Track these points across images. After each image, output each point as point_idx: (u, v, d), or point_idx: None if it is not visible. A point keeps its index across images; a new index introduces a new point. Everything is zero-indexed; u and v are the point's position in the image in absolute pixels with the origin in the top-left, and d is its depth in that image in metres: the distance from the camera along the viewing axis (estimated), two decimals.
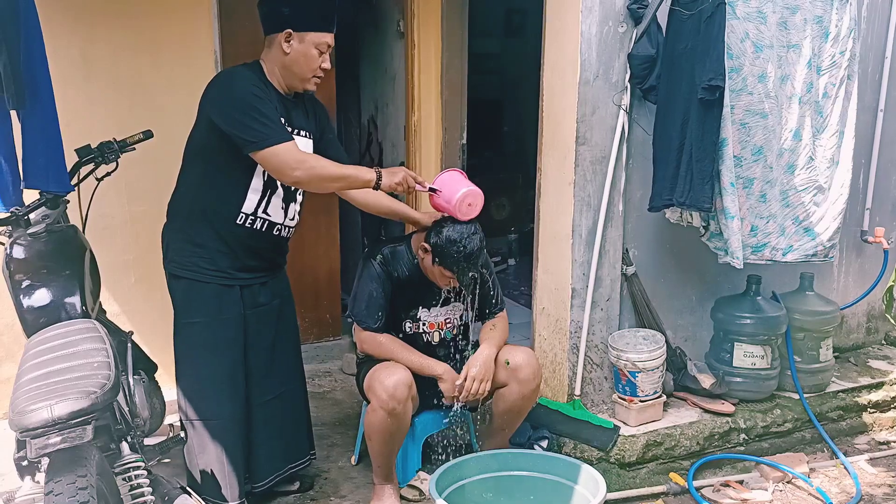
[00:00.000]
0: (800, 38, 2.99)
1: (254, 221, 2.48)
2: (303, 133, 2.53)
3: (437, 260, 2.57)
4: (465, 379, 2.61)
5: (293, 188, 2.52)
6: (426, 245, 2.60)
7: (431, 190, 2.57)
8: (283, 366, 2.70)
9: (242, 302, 2.54)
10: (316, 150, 2.56)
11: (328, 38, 2.44)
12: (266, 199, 2.48)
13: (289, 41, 2.40)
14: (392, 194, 2.65)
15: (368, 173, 2.43)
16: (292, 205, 2.56)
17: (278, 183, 2.47)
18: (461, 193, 2.55)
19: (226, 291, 2.50)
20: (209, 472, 2.53)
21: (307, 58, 2.42)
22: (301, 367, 2.83)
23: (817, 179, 3.12)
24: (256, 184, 2.44)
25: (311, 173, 2.35)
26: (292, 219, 2.59)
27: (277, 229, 2.55)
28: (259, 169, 2.41)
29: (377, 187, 2.43)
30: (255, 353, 2.59)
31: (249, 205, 2.46)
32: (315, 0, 2.43)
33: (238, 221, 2.46)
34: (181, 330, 2.55)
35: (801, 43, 2.99)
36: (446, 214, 2.61)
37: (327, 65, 2.47)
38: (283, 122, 2.41)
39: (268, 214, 2.49)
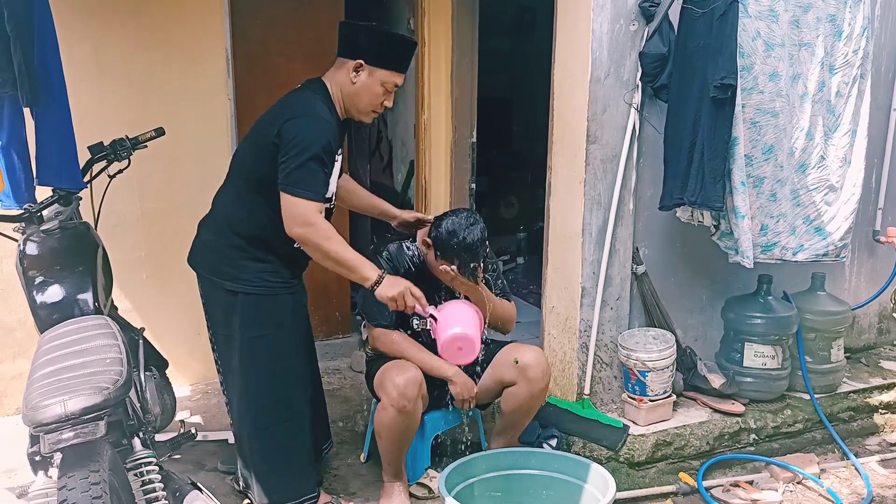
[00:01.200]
0: (812, 37, 2.97)
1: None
2: (339, 153, 2.48)
3: (438, 253, 2.58)
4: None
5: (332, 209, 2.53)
6: (428, 240, 2.61)
7: (431, 317, 2.46)
8: (315, 358, 2.81)
9: (297, 306, 2.59)
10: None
11: (398, 78, 2.40)
12: None
13: (358, 71, 2.36)
14: (394, 200, 2.62)
15: (370, 273, 2.34)
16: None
17: (332, 211, 2.50)
18: (451, 333, 2.44)
19: (288, 300, 2.52)
20: (296, 470, 2.56)
21: (371, 93, 2.38)
22: (317, 360, 2.91)
23: (829, 179, 3.10)
24: None
25: (312, 240, 2.28)
26: None
27: None
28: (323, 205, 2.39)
29: (372, 290, 2.35)
30: (309, 351, 2.71)
31: None
32: (394, 40, 2.41)
33: (296, 246, 2.42)
34: (247, 344, 2.48)
35: (814, 41, 2.98)
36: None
37: (389, 103, 2.44)
38: (337, 157, 2.38)
39: None
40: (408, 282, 2.40)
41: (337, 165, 2.45)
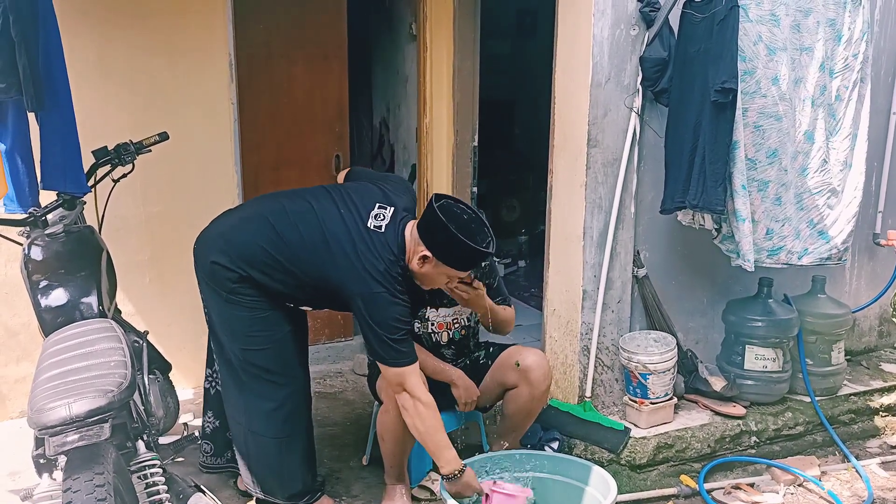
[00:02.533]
0: (813, 41, 2.99)
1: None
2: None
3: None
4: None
5: None
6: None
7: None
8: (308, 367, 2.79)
9: (295, 314, 2.59)
10: None
11: (461, 274, 2.40)
12: None
13: (424, 261, 2.32)
14: None
15: (447, 467, 2.34)
16: None
17: None
18: None
19: (287, 311, 2.53)
20: (302, 476, 2.59)
21: (433, 281, 2.40)
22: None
23: (831, 182, 3.11)
24: None
25: (406, 404, 2.35)
26: None
27: None
28: None
29: (447, 479, 2.35)
30: (306, 360, 2.68)
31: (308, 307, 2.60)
32: (469, 250, 2.27)
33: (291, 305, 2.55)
34: (246, 355, 2.49)
35: (814, 46, 2.99)
36: None
37: (453, 285, 2.46)
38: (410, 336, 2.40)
39: None
40: (477, 484, 2.38)
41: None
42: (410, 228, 2.37)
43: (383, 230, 2.35)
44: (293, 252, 2.37)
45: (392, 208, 2.41)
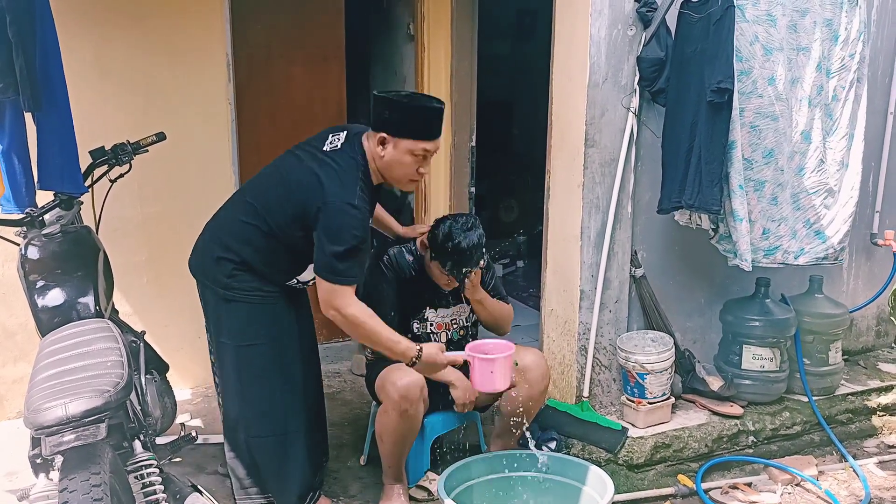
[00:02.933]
0: (809, 41, 2.99)
1: (302, 283, 2.57)
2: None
3: (433, 255, 2.60)
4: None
5: None
6: (426, 242, 2.63)
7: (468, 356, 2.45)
8: (316, 368, 2.79)
9: (293, 312, 2.58)
10: None
11: (427, 145, 2.34)
12: None
13: (384, 145, 2.33)
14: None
15: (407, 353, 2.36)
16: None
17: None
18: (479, 389, 2.47)
19: (285, 305, 2.53)
20: (292, 480, 2.56)
21: (402, 164, 2.34)
22: (320, 367, 2.88)
23: (828, 182, 3.12)
24: None
25: (345, 320, 2.31)
26: None
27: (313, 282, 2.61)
28: None
29: (411, 365, 2.39)
30: (306, 359, 2.67)
31: (306, 275, 2.51)
32: (415, 109, 2.34)
33: (288, 283, 2.52)
34: (238, 352, 2.51)
35: (811, 46, 3.00)
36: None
37: (424, 170, 2.39)
38: (362, 263, 2.39)
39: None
40: (440, 347, 2.42)
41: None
42: (366, 135, 2.40)
43: (339, 147, 2.39)
44: (265, 211, 2.41)
45: (346, 131, 2.44)
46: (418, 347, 2.37)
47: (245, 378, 2.52)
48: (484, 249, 2.64)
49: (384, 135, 2.32)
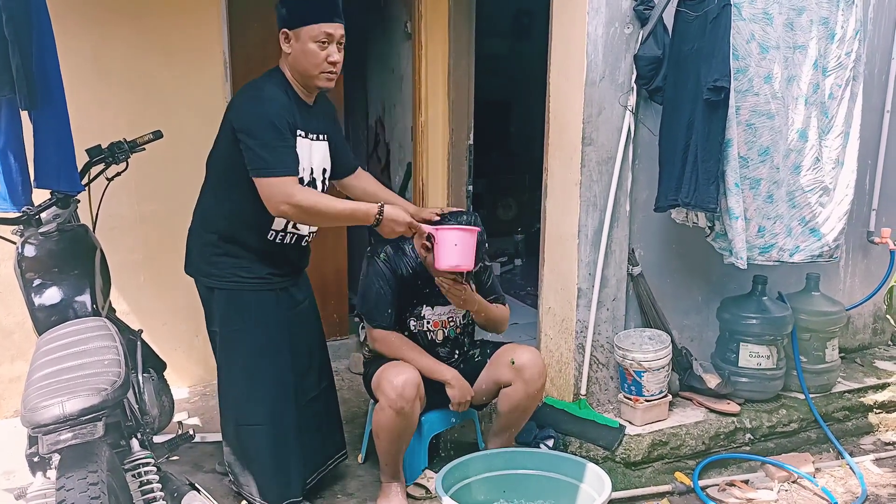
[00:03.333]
0: (806, 40, 2.99)
1: (284, 237, 2.50)
2: (321, 136, 2.51)
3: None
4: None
5: None
6: (427, 243, 2.62)
7: (430, 236, 2.48)
8: (320, 363, 2.75)
9: (283, 304, 2.56)
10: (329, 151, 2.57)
11: (325, 27, 2.31)
12: None
13: (287, 41, 2.36)
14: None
15: (369, 215, 2.35)
16: None
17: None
18: (444, 266, 2.45)
19: (268, 296, 2.51)
20: (265, 475, 2.54)
21: (306, 54, 2.33)
22: (330, 363, 2.86)
23: (823, 180, 3.12)
24: None
25: (299, 213, 2.29)
26: (315, 229, 2.61)
27: (305, 240, 2.58)
28: None
29: (376, 225, 2.37)
30: (299, 352, 2.62)
31: (279, 222, 2.46)
32: None
33: (269, 237, 2.47)
34: (226, 341, 2.53)
35: (807, 44, 3.00)
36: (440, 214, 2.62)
37: (335, 57, 2.35)
38: (298, 136, 2.37)
39: (297, 229, 2.51)
40: (407, 220, 2.40)
41: (321, 145, 2.47)
42: (281, 56, 2.44)
43: (258, 78, 2.45)
44: (212, 167, 2.48)
45: None
46: (379, 205, 2.36)
47: (232, 364, 2.53)
48: (486, 246, 2.64)
49: (285, 31, 2.34)
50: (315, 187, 2.49)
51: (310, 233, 2.58)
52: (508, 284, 5.38)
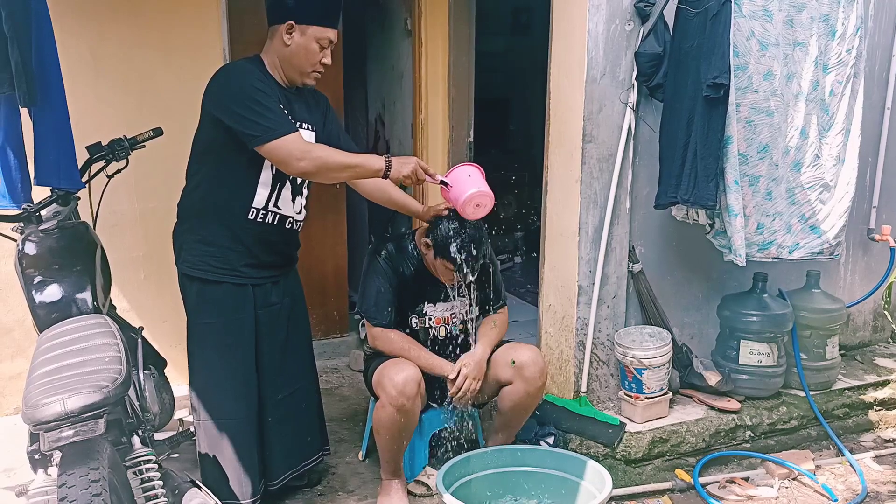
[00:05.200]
0: (806, 37, 2.99)
1: (265, 216, 2.48)
2: (305, 125, 2.52)
3: (438, 254, 2.59)
4: (458, 375, 2.63)
5: (299, 181, 2.53)
6: (428, 241, 2.62)
7: (442, 183, 2.55)
8: (296, 363, 2.70)
9: (254, 301, 2.53)
10: (319, 141, 2.56)
11: (330, 33, 2.41)
12: (276, 192, 2.47)
13: (290, 33, 2.38)
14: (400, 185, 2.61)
15: (378, 162, 2.38)
16: (298, 198, 2.56)
17: (286, 176, 2.47)
18: (469, 194, 2.51)
19: (238, 290, 2.49)
20: (223, 471, 2.53)
21: (307, 51, 2.40)
22: (313, 365, 2.83)
23: (823, 177, 3.12)
24: (265, 177, 2.44)
25: (317, 163, 2.32)
26: (299, 212, 2.59)
27: (289, 222, 2.55)
28: (267, 162, 2.41)
29: (386, 176, 2.40)
30: (268, 351, 2.58)
31: (260, 199, 2.45)
32: None
33: (250, 217, 2.45)
34: (194, 331, 2.55)
35: (808, 41, 2.99)
36: (450, 208, 2.61)
37: (328, 60, 2.44)
38: (285, 112, 2.39)
39: (279, 208, 2.49)
40: (414, 157, 2.45)
41: (309, 134, 2.49)
42: (265, 46, 2.47)
43: None
44: (194, 151, 2.54)
45: None
46: (384, 156, 2.40)
47: (197, 357, 2.54)
48: (489, 247, 2.64)
49: (291, 22, 2.36)
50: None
51: (295, 214, 2.55)
52: (508, 282, 5.36)
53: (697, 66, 2.80)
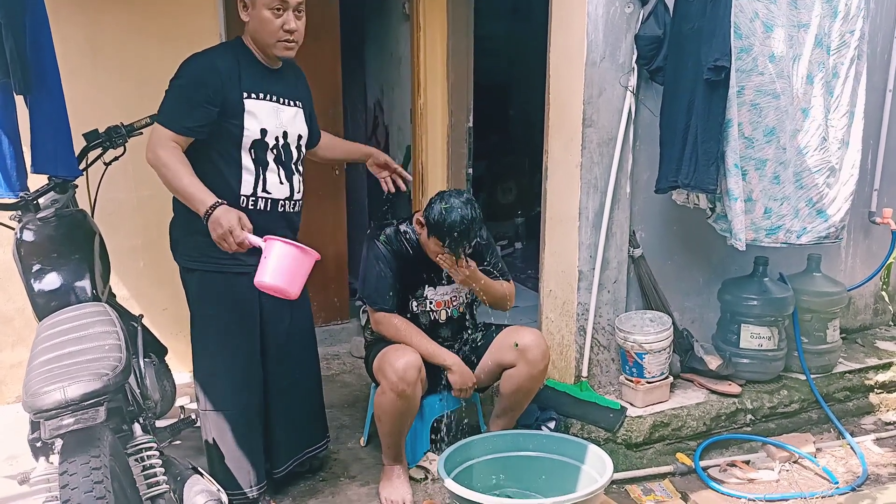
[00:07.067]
0: (809, 17, 2.96)
1: (255, 202, 2.44)
2: (291, 102, 2.50)
3: (431, 232, 2.59)
4: (458, 375, 2.67)
5: (285, 159, 2.49)
6: (421, 219, 2.62)
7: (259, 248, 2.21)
8: (299, 351, 2.70)
9: (256, 289, 2.52)
10: (307, 117, 2.58)
11: None
12: (261, 176, 2.43)
13: (246, 10, 2.37)
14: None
15: (202, 206, 2.20)
16: (295, 176, 2.53)
17: (268, 158, 2.43)
18: (262, 282, 2.16)
19: (239, 279, 2.46)
20: (228, 460, 2.53)
21: (262, 21, 2.34)
22: (316, 352, 2.82)
23: (830, 160, 3.10)
24: (246, 162, 2.39)
25: (156, 164, 2.28)
26: (299, 191, 2.55)
27: (282, 205, 2.50)
28: (246, 147, 2.37)
29: (205, 218, 2.21)
30: (271, 340, 2.58)
31: (247, 186, 2.41)
32: None
33: (241, 205, 2.41)
34: (197, 322, 2.54)
35: (811, 21, 2.97)
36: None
37: (291, 25, 2.35)
38: (252, 98, 2.37)
39: (268, 192, 2.45)
40: (239, 216, 2.18)
41: (294, 111, 2.47)
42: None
43: None
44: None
45: None
46: (215, 201, 2.20)
47: (201, 347, 2.54)
48: (484, 226, 2.63)
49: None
50: (289, 153, 2.49)
51: (289, 199, 2.51)
52: (509, 268, 5.33)
53: (698, 49, 2.77)
